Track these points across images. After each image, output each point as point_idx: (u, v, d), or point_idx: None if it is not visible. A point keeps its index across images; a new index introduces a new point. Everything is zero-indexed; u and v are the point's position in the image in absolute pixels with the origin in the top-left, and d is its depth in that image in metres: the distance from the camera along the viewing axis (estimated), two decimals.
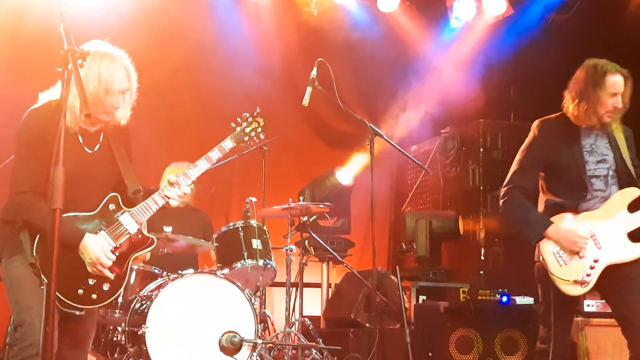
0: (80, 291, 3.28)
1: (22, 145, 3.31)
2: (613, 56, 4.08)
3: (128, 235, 3.42)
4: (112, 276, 3.34)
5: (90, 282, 3.31)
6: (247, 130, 3.79)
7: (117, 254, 3.37)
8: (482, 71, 7.76)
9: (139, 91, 3.49)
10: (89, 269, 3.31)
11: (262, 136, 3.84)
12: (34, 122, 3.30)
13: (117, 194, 3.44)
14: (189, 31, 7.60)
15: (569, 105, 4.00)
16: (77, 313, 3.27)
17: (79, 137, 3.39)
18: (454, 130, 7.80)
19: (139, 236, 3.46)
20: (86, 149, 3.41)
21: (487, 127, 7.53)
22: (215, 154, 3.63)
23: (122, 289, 3.41)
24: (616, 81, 3.92)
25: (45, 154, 3.09)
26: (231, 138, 3.75)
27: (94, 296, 3.31)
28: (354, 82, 7.86)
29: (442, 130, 7.93)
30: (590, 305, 5.19)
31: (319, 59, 4.77)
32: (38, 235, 3.20)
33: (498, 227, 7.11)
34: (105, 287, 3.34)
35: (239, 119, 3.82)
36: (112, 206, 3.42)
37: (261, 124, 3.83)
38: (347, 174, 7.25)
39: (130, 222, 3.43)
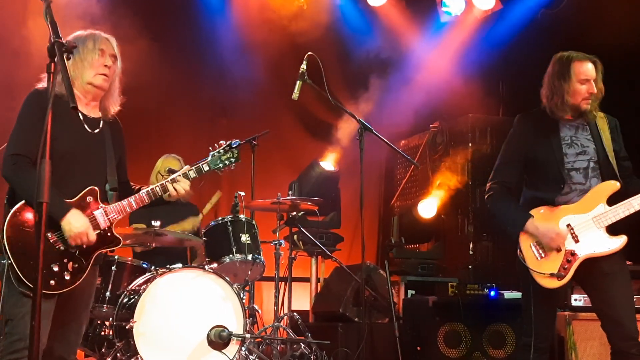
0: None
1: (23, 114, 3.37)
2: (601, 50, 4.08)
3: (98, 231, 3.43)
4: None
5: (54, 268, 3.31)
6: (223, 158, 3.79)
7: (84, 246, 3.39)
8: (471, 66, 7.77)
9: (129, 88, 3.50)
10: (70, 242, 3.32)
11: (232, 167, 3.83)
12: (36, 98, 3.37)
13: (96, 188, 3.47)
14: (178, 25, 7.56)
15: (546, 102, 4.01)
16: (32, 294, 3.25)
17: (80, 115, 3.44)
18: (443, 125, 7.82)
19: (108, 234, 3.48)
20: (87, 127, 3.47)
21: (476, 121, 7.55)
22: (192, 174, 3.68)
23: (80, 282, 3.38)
24: (585, 68, 3.92)
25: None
26: (208, 163, 3.75)
27: (52, 282, 3.29)
28: (343, 76, 7.85)
29: (431, 125, 7.94)
30: (578, 299, 5.20)
31: (309, 53, 4.76)
32: (16, 206, 3.26)
33: (487, 221, 7.13)
34: (67, 276, 3.34)
35: (216, 145, 3.81)
36: (89, 199, 3.44)
37: (235, 155, 3.81)
38: (329, 161, 7.34)
39: (103, 218, 3.46)
